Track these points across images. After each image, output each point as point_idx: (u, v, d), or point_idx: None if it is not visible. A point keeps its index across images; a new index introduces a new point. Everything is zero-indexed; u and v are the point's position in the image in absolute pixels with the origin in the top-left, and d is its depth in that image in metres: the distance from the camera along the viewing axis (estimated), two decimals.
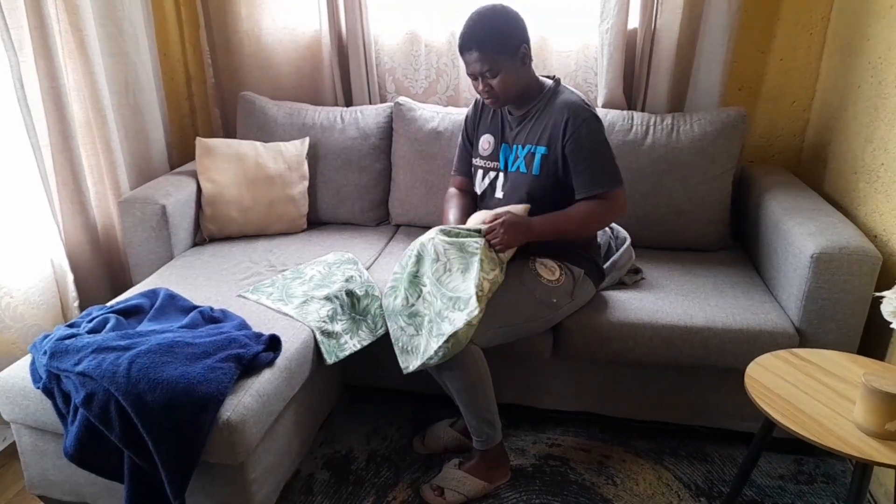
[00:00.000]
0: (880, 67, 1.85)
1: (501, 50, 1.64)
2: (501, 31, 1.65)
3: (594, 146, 1.67)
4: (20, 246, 1.96)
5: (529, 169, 1.72)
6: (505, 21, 1.66)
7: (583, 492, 1.73)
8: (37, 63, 1.96)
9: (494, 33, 1.64)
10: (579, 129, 1.65)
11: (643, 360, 1.78)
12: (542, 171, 1.71)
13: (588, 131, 1.66)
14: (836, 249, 1.63)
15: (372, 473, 1.80)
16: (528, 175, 1.72)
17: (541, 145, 1.71)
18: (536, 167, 1.71)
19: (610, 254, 1.95)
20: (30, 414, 1.53)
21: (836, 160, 2.09)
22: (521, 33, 1.68)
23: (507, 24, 1.66)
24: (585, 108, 1.68)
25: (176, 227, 2.15)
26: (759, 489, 1.74)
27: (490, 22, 1.65)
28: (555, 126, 1.68)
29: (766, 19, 2.23)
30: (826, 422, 1.24)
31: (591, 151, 1.67)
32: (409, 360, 1.60)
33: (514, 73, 1.68)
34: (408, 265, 1.69)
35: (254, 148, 2.29)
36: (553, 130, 1.69)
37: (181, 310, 1.71)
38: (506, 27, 1.65)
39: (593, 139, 1.67)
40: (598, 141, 1.68)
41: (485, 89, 1.70)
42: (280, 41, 2.52)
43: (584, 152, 1.67)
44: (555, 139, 1.69)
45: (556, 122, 1.68)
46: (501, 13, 1.67)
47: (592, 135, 1.67)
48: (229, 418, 1.37)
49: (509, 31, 1.65)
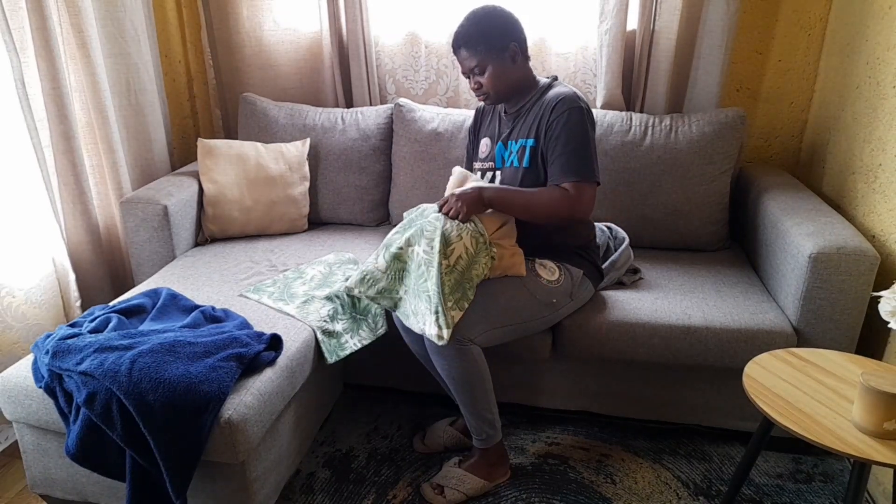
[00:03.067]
0: (878, 68, 1.85)
1: (489, 48, 1.68)
2: (489, 29, 1.68)
3: (571, 136, 1.64)
4: (22, 246, 1.96)
5: (521, 163, 1.73)
6: (493, 19, 1.70)
7: (582, 490, 1.74)
8: (38, 64, 1.97)
9: (481, 31, 1.68)
10: (560, 117, 1.64)
11: (642, 359, 1.78)
12: (531, 163, 1.71)
13: (569, 120, 1.64)
14: (833, 249, 1.63)
15: (372, 472, 1.81)
16: (521, 168, 1.73)
17: (530, 138, 1.71)
18: (527, 160, 1.71)
19: (608, 254, 1.96)
20: (32, 413, 1.53)
21: (835, 160, 2.09)
22: (511, 31, 1.70)
23: (496, 22, 1.70)
24: (573, 99, 1.65)
25: (177, 227, 2.15)
26: (758, 488, 1.75)
27: (479, 21, 1.70)
28: (542, 116, 1.69)
29: (764, 20, 2.24)
30: (824, 421, 1.24)
31: (568, 140, 1.63)
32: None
33: (503, 71, 1.70)
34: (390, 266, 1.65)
35: (255, 149, 2.30)
36: (539, 121, 1.69)
37: (183, 309, 1.71)
38: (494, 25, 1.69)
39: (572, 129, 1.64)
40: (577, 132, 1.64)
41: (475, 86, 1.74)
42: (281, 42, 2.53)
43: (561, 140, 1.64)
44: (540, 129, 1.69)
45: (544, 112, 1.69)
46: (491, 12, 1.71)
47: (573, 125, 1.64)
48: (230, 417, 1.38)
49: (497, 29, 1.69)
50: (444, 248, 1.55)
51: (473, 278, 1.60)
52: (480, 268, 1.61)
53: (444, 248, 1.55)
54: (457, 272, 1.57)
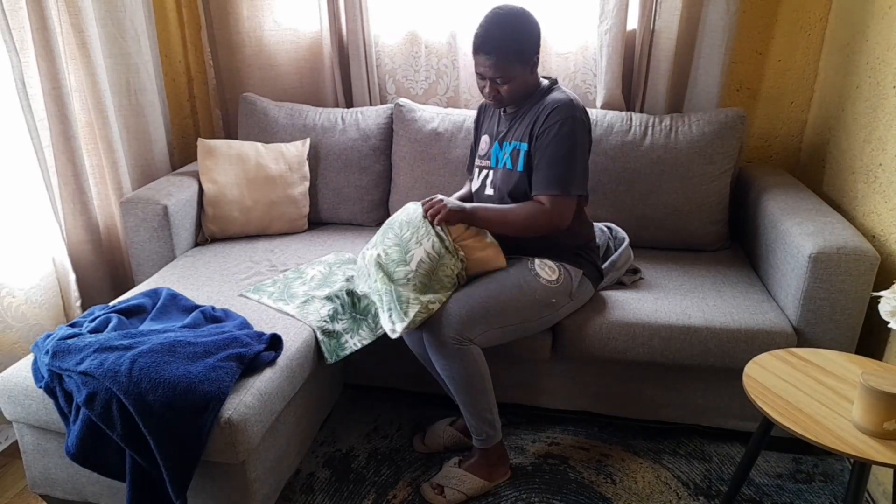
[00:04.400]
0: (878, 68, 1.85)
1: (518, 59, 1.62)
2: (520, 40, 1.61)
3: (558, 148, 1.61)
4: (22, 245, 1.96)
5: (515, 165, 1.72)
6: (525, 29, 1.62)
7: (582, 490, 1.74)
8: (39, 64, 1.97)
9: (513, 42, 1.60)
10: (551, 127, 1.62)
11: (642, 359, 1.78)
12: (524, 167, 1.70)
13: (559, 132, 1.61)
14: (833, 249, 1.63)
15: (372, 472, 1.81)
16: (514, 171, 1.72)
17: (523, 142, 1.70)
18: (521, 164, 1.70)
19: (608, 254, 1.96)
20: (32, 413, 1.53)
21: (835, 160, 2.09)
22: (537, 40, 1.65)
23: (527, 33, 1.62)
24: (570, 107, 1.63)
25: (177, 227, 2.15)
26: (758, 488, 1.75)
27: (511, 28, 1.60)
28: (535, 122, 1.67)
29: (764, 20, 2.24)
30: (824, 421, 1.24)
31: (554, 152, 1.61)
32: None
33: (524, 81, 1.67)
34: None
35: (255, 149, 2.30)
36: (533, 126, 1.67)
37: (183, 309, 1.71)
38: (525, 36, 1.62)
39: (561, 140, 1.61)
40: (565, 144, 1.61)
41: (491, 93, 1.68)
42: (281, 42, 2.52)
43: (548, 151, 1.62)
44: (533, 135, 1.67)
45: (538, 118, 1.66)
46: (523, 20, 1.62)
47: (562, 136, 1.61)
48: (230, 417, 1.38)
49: (529, 42, 1.63)
50: (402, 254, 1.64)
51: (443, 279, 1.64)
52: (449, 268, 1.64)
53: (402, 255, 1.64)
54: (420, 275, 1.62)
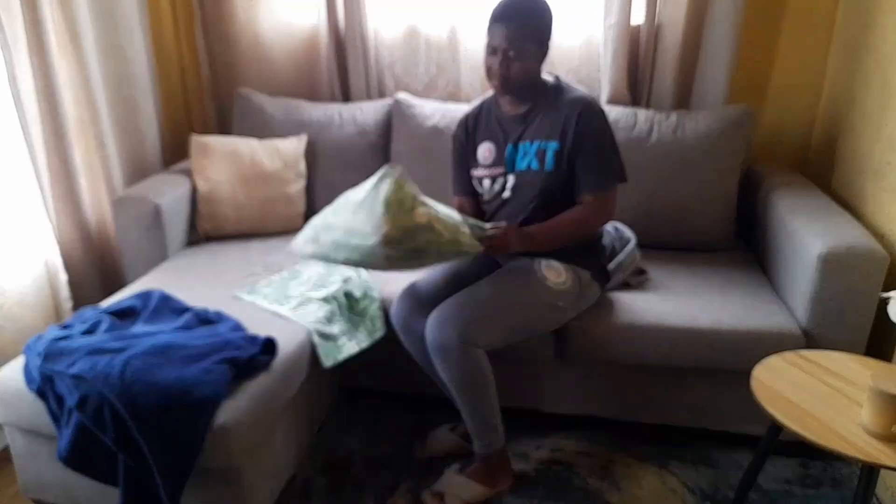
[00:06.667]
0: (887, 65, 1.83)
1: (535, 36, 1.65)
2: (540, 17, 1.66)
3: (603, 142, 1.68)
4: (13, 245, 1.93)
5: (542, 165, 1.70)
6: (545, 12, 1.67)
7: (587, 497, 1.71)
8: (31, 59, 1.94)
9: (533, 16, 1.64)
10: (590, 123, 1.66)
11: (648, 362, 1.76)
12: (556, 166, 1.69)
13: (600, 126, 1.68)
14: (843, 249, 1.61)
15: (371, 478, 1.78)
16: (542, 172, 1.70)
17: (552, 140, 1.69)
18: (550, 163, 1.69)
19: (614, 255, 1.93)
20: (23, 416, 1.52)
21: (844, 159, 2.06)
22: (551, 27, 1.69)
23: (546, 15, 1.67)
24: (593, 102, 1.70)
25: (170, 226, 2.12)
26: (765, 494, 1.72)
27: (534, 5, 1.65)
28: (566, 120, 1.67)
29: (772, 16, 2.21)
30: (833, 425, 1.22)
31: (601, 147, 1.68)
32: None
33: (532, 66, 1.68)
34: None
35: (250, 145, 2.26)
36: (565, 125, 1.68)
37: (175, 311, 1.69)
38: (545, 17, 1.66)
39: (602, 134, 1.68)
40: (608, 137, 1.69)
41: (500, 69, 1.64)
42: (277, 35, 2.49)
43: (596, 147, 1.67)
44: (566, 133, 1.67)
45: (568, 117, 1.67)
46: (542, 3, 1.67)
47: (604, 130, 1.69)
48: (224, 422, 1.36)
49: (545, 22, 1.67)
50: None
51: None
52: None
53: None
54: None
